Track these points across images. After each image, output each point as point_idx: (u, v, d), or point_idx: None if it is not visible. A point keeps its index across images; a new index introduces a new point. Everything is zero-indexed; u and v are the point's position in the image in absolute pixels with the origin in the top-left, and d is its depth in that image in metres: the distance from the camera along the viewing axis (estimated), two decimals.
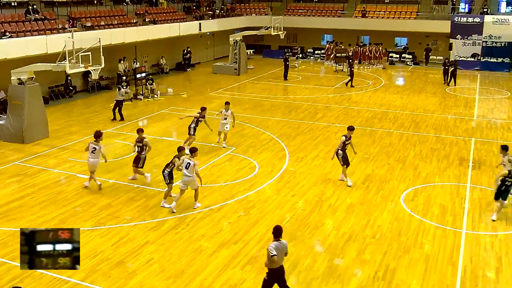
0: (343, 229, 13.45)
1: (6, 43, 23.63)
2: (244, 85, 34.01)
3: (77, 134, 21.85)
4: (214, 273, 11.31)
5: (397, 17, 43.93)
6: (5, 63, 22.76)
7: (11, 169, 17.69)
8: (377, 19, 44.24)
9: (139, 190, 15.82)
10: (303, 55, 47.20)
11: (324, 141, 20.89)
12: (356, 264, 11.74)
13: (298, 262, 11.76)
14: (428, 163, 18.54)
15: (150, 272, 11.32)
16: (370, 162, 18.52)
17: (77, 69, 19.90)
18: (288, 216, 14.19)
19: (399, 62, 43.76)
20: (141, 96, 29.06)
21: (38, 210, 14.40)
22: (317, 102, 28.28)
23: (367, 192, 15.89)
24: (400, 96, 30.59)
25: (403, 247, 12.53)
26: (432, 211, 14.61)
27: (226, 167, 17.91)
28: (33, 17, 27.04)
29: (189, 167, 14.06)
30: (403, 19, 43.48)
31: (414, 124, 23.87)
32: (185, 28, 36.87)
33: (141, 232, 13.18)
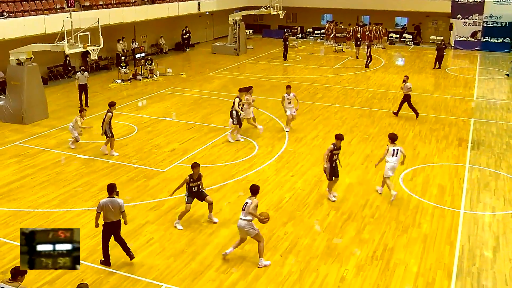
0: (342, 209, 13.52)
1: (4, 23, 23.45)
2: (244, 65, 33.87)
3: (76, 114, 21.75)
4: (214, 252, 11.40)
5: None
6: (3, 43, 22.63)
7: (11, 149, 17.71)
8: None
9: (138, 171, 15.88)
10: (303, 35, 46.93)
11: (324, 121, 20.88)
12: (354, 244, 11.83)
13: (297, 242, 11.85)
14: (427, 144, 18.56)
15: (150, 252, 11.41)
16: (369, 143, 18.54)
17: (75, 49, 19.85)
18: (288, 196, 14.26)
19: (399, 42, 43.52)
20: (140, 77, 28.97)
21: (38, 190, 14.46)
22: (317, 82, 28.20)
23: (366, 172, 15.94)
24: (400, 76, 30.24)
25: (402, 227, 12.61)
26: (431, 191, 14.68)
27: (225, 147, 17.94)
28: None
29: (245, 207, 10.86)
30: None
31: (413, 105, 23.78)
32: (184, 8, 36.58)
33: (141, 212, 13.25)
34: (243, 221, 10.65)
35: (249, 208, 10.55)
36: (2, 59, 22.28)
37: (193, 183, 12.22)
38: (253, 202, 10.58)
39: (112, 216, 10.52)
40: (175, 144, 18.25)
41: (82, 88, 22.79)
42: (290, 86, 19.86)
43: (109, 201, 10.49)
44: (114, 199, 10.53)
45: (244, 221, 10.63)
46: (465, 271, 10.86)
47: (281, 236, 12.10)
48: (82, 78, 22.73)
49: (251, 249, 11.42)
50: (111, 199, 10.52)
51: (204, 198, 12.53)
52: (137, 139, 18.74)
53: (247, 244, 11.59)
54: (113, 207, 10.47)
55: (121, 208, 10.53)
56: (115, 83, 27.83)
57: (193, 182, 12.20)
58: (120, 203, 10.52)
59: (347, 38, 40.64)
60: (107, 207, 10.47)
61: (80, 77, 22.75)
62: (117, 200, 10.54)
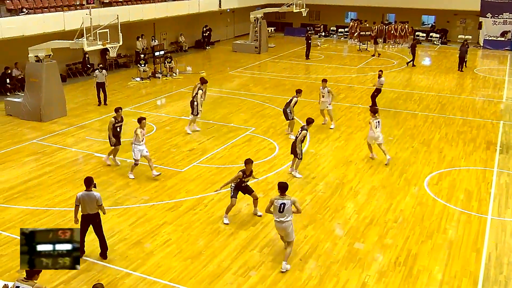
0: (364, 212, 13.44)
1: (23, 19, 23.84)
2: (265, 64, 33.89)
3: (95, 112, 22.07)
4: (232, 255, 11.42)
5: None
6: (22, 40, 23.01)
7: (29, 147, 17.98)
8: None
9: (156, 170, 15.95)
10: (326, 34, 46.75)
11: (346, 122, 20.78)
12: (377, 249, 11.75)
13: (318, 246, 11.81)
14: (453, 146, 18.36)
15: (167, 253, 11.48)
16: (393, 145, 18.40)
17: (94, 46, 20.03)
18: (308, 198, 14.22)
19: (425, 41, 43.13)
20: (160, 75, 29.16)
21: (56, 189, 14.65)
22: (340, 82, 28.09)
23: (390, 175, 15.82)
24: (426, 76, 30.22)
25: (426, 232, 12.49)
26: (457, 195, 14.51)
27: (246, 148, 17.97)
28: None
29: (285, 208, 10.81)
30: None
31: (440, 106, 23.60)
32: (205, 5, 36.75)
33: (158, 212, 13.34)
34: (288, 222, 10.69)
35: (299, 208, 10.82)
36: (21, 56, 22.63)
37: (245, 179, 12.71)
38: (296, 201, 10.78)
39: (89, 209, 10.87)
40: (194, 144, 18.33)
41: (100, 86, 23.02)
42: (326, 80, 20.44)
43: (85, 194, 10.85)
44: (91, 192, 10.88)
45: (289, 222, 10.70)
46: (491, 280, 10.71)
47: (301, 239, 12.07)
48: (101, 76, 22.92)
49: (270, 252, 11.42)
50: (88, 192, 10.88)
51: (251, 193, 13.00)
52: (156, 138, 18.85)
53: (265, 247, 11.60)
54: (90, 200, 10.81)
55: (98, 201, 10.83)
56: (134, 81, 28.06)
57: (245, 178, 12.69)
58: (97, 197, 10.83)
59: (372, 37, 40.39)
60: (84, 200, 10.83)
61: (98, 75, 22.96)
62: (94, 193, 10.87)
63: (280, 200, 10.66)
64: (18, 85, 25.02)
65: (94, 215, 10.95)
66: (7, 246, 11.56)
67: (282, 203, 10.62)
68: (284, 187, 10.80)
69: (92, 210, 10.87)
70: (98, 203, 10.84)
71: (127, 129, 18.24)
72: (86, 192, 10.89)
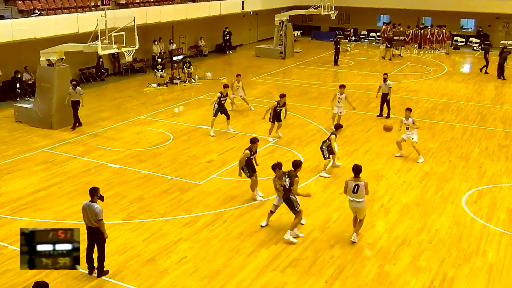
0: (396, 232, 13.31)
1: (35, 21, 24.24)
2: (290, 70, 33.94)
3: (109, 120, 22.31)
4: (252, 275, 11.39)
5: None
6: (34, 42, 23.38)
7: (39, 156, 18.22)
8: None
9: (172, 183, 16.05)
10: (356, 38, 46.72)
11: (377, 134, 20.66)
12: (409, 272, 11.62)
13: (345, 267, 11.72)
14: (495, 161, 18.13)
15: (183, 271, 11.49)
16: (429, 159, 18.23)
17: (109, 50, 20.22)
18: (335, 215, 14.14)
19: (464, 46, 42.78)
20: (178, 81, 29.40)
21: (66, 200, 14.80)
22: (371, 90, 27.96)
23: (425, 192, 15.67)
24: (465, 85, 29.93)
25: (464, 255, 12.32)
26: (498, 215, 14.30)
27: (268, 159, 17.95)
28: None
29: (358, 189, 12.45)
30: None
31: (480, 117, 23.35)
32: (227, 7, 37.02)
33: (174, 227, 13.38)
34: (362, 203, 12.44)
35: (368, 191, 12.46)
36: (32, 60, 23.01)
37: (252, 156, 14.68)
38: (367, 184, 12.39)
39: (88, 221, 10.82)
40: (213, 155, 18.40)
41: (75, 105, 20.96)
42: (344, 86, 21.40)
43: (87, 205, 10.81)
44: (92, 204, 10.77)
45: (362, 202, 12.44)
46: None
47: (327, 260, 12.00)
48: (74, 94, 20.81)
49: (293, 273, 11.37)
50: (90, 203, 10.80)
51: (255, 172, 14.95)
52: (172, 148, 18.97)
53: (288, 267, 11.55)
54: (90, 212, 10.74)
55: (97, 215, 10.69)
56: (150, 87, 28.31)
57: (252, 155, 14.69)
58: (96, 210, 10.68)
59: (406, 42, 40.24)
60: (85, 211, 10.82)
61: (71, 93, 20.80)
62: (95, 205, 10.73)
63: (354, 182, 12.33)
64: (28, 90, 25.43)
65: (95, 229, 10.84)
66: (13, 261, 11.66)
67: (356, 185, 12.28)
68: (358, 170, 12.40)
69: (91, 223, 10.81)
70: (97, 217, 10.70)
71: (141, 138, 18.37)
72: (88, 202, 10.85)
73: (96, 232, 10.87)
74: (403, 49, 39.59)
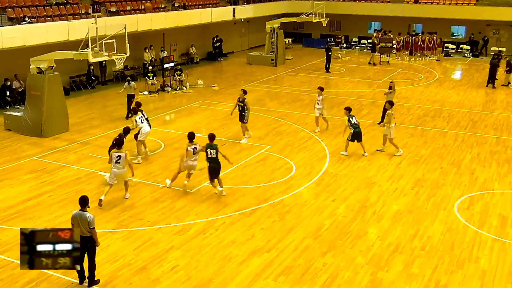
0: (389, 239, 13.33)
1: (25, 28, 24.19)
2: (282, 77, 34.02)
3: (99, 128, 22.25)
4: (244, 283, 11.37)
5: (454, 3, 43.29)
6: (24, 50, 23.32)
7: (29, 164, 18.14)
8: (431, 5, 43.70)
9: (164, 191, 16.02)
10: (348, 45, 46.91)
11: (369, 141, 20.70)
12: (402, 279, 11.63)
13: (338, 275, 11.72)
14: (486, 168, 18.22)
15: (174, 280, 11.45)
16: (420, 165, 18.30)
17: (100, 57, 20.21)
18: (328, 223, 14.15)
19: (455, 53, 43.05)
20: (169, 88, 29.38)
21: (56, 209, 14.73)
22: (362, 97, 28.09)
23: (417, 199, 15.71)
24: (456, 91, 30.10)
25: (456, 261, 12.36)
26: (490, 221, 14.35)
27: (260, 167, 17.97)
28: (54, 1, 27.62)
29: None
30: (461, 5, 42.81)
31: (471, 124, 23.48)
32: (218, 14, 37.10)
33: (166, 236, 13.34)
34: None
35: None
36: (22, 67, 22.91)
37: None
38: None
39: (80, 231, 10.68)
40: (204, 163, 18.33)
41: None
42: (322, 88, 21.92)
43: (78, 214, 10.75)
44: (84, 213, 10.75)
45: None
46: None
47: (319, 267, 11.99)
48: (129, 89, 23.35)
49: (286, 281, 11.36)
50: (81, 212, 10.76)
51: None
52: (164, 156, 18.95)
53: (281, 275, 11.53)
54: (82, 222, 10.68)
55: (89, 224, 10.67)
56: (141, 94, 28.24)
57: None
58: (88, 219, 10.67)
59: (397, 49, 40.45)
60: (76, 220, 10.74)
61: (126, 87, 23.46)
62: (86, 214, 10.72)
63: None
64: (18, 98, 25.35)
65: (87, 238, 10.71)
66: (3, 270, 11.60)
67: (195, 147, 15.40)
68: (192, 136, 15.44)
69: (83, 232, 10.69)
70: (90, 226, 10.67)
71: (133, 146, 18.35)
72: (79, 212, 10.80)
73: (88, 241, 10.80)
74: (394, 56, 39.79)
